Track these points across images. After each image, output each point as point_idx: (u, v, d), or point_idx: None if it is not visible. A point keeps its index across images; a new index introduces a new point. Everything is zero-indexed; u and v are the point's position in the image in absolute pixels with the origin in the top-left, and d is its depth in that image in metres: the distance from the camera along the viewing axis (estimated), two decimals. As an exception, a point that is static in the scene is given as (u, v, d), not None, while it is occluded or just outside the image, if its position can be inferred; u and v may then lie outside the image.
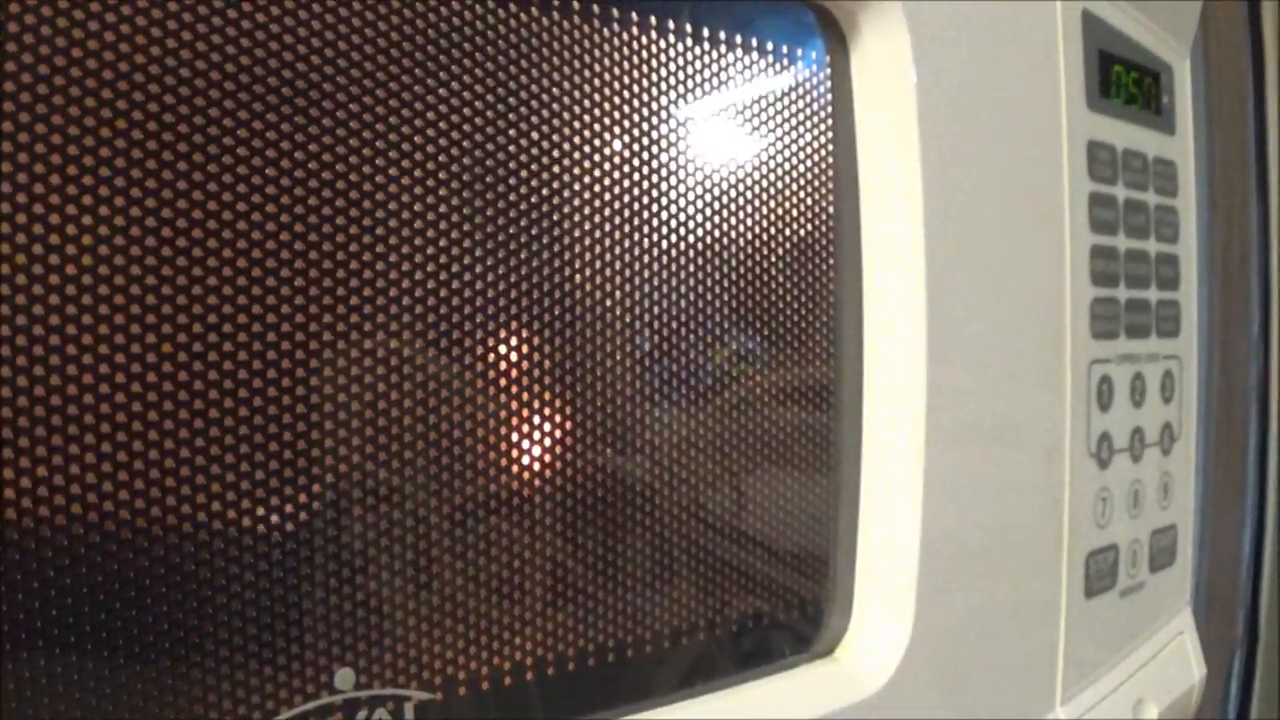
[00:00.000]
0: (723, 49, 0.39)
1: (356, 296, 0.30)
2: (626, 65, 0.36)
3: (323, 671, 0.30)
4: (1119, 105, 0.52)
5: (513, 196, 0.33)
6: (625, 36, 0.36)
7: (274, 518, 0.29)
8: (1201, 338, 0.84)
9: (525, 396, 0.34)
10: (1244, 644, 0.94)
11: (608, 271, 0.36)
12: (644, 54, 0.37)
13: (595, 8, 0.35)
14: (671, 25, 0.37)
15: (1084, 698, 0.51)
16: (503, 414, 0.34)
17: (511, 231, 0.33)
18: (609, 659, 0.36)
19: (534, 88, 0.34)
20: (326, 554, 0.30)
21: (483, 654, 0.33)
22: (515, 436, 0.34)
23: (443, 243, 0.32)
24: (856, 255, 0.42)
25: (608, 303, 0.36)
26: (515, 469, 0.34)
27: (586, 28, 0.35)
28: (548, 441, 0.35)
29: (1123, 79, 0.53)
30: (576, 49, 0.35)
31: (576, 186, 0.35)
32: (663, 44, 0.37)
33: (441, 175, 0.32)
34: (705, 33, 0.38)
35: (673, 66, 0.38)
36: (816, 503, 0.42)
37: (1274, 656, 0.95)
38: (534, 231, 0.34)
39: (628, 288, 0.37)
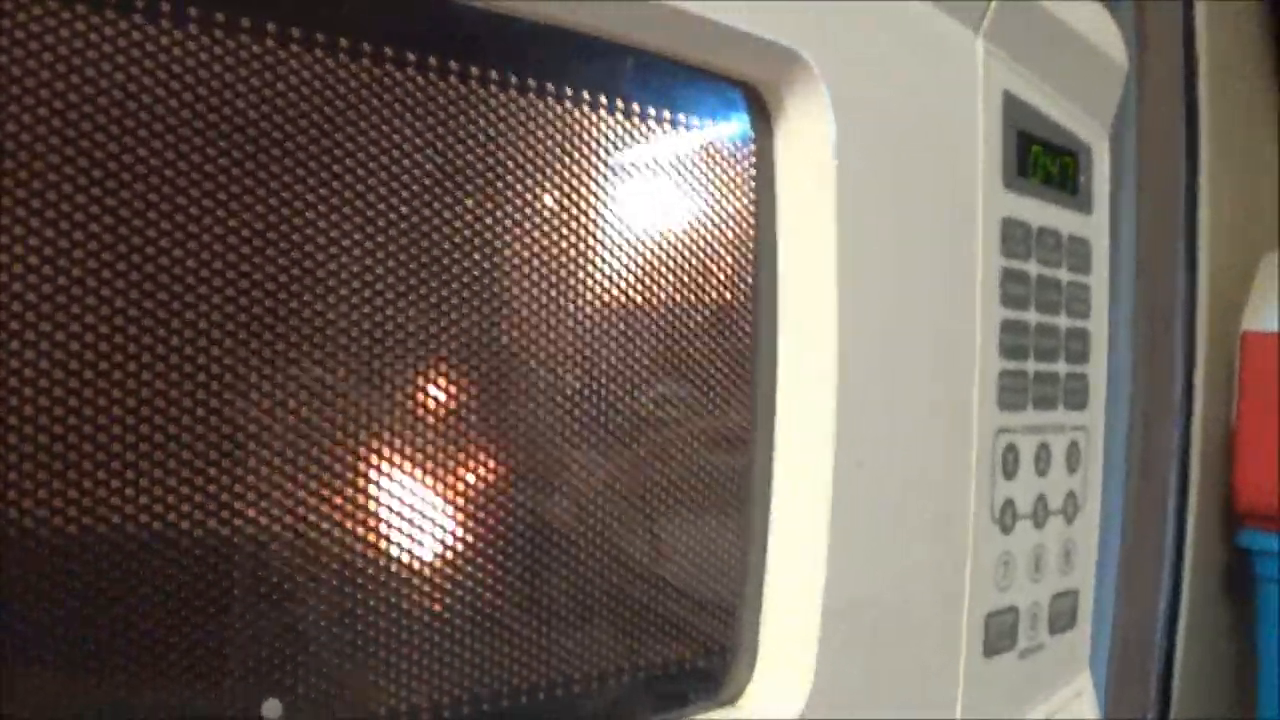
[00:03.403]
0: (652, 124, 0.43)
1: (294, 337, 0.34)
2: (558, 137, 0.40)
3: (250, 703, 0.33)
4: (1036, 184, 0.57)
5: (448, 258, 0.37)
6: (558, 110, 0.40)
7: (206, 546, 0.32)
8: (1123, 402, 0.89)
9: (449, 439, 0.38)
10: (1157, 706, 0.98)
11: (533, 328, 0.39)
12: (575, 127, 0.41)
13: (531, 82, 0.39)
14: (603, 100, 0.41)
15: (981, 754, 0.55)
16: (428, 454, 0.37)
17: (444, 288, 0.37)
18: (523, 700, 0.39)
19: (471, 155, 0.38)
20: (257, 584, 0.33)
21: (401, 691, 0.36)
22: (438, 477, 0.37)
23: (376, 294, 0.35)
24: (773, 322, 0.46)
25: (532, 354, 0.40)
26: (436, 508, 0.37)
27: (523, 101, 0.39)
28: (469, 483, 0.38)
29: (1041, 159, 0.57)
30: (513, 120, 0.39)
31: (506, 243, 0.39)
32: (594, 118, 0.41)
33: (380, 231, 0.35)
34: (635, 108, 0.42)
35: (603, 140, 0.41)
36: (728, 557, 0.46)
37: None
38: (465, 289, 0.38)
39: (552, 343, 0.40)
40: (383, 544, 0.36)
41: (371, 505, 0.35)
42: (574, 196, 0.40)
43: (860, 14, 0.47)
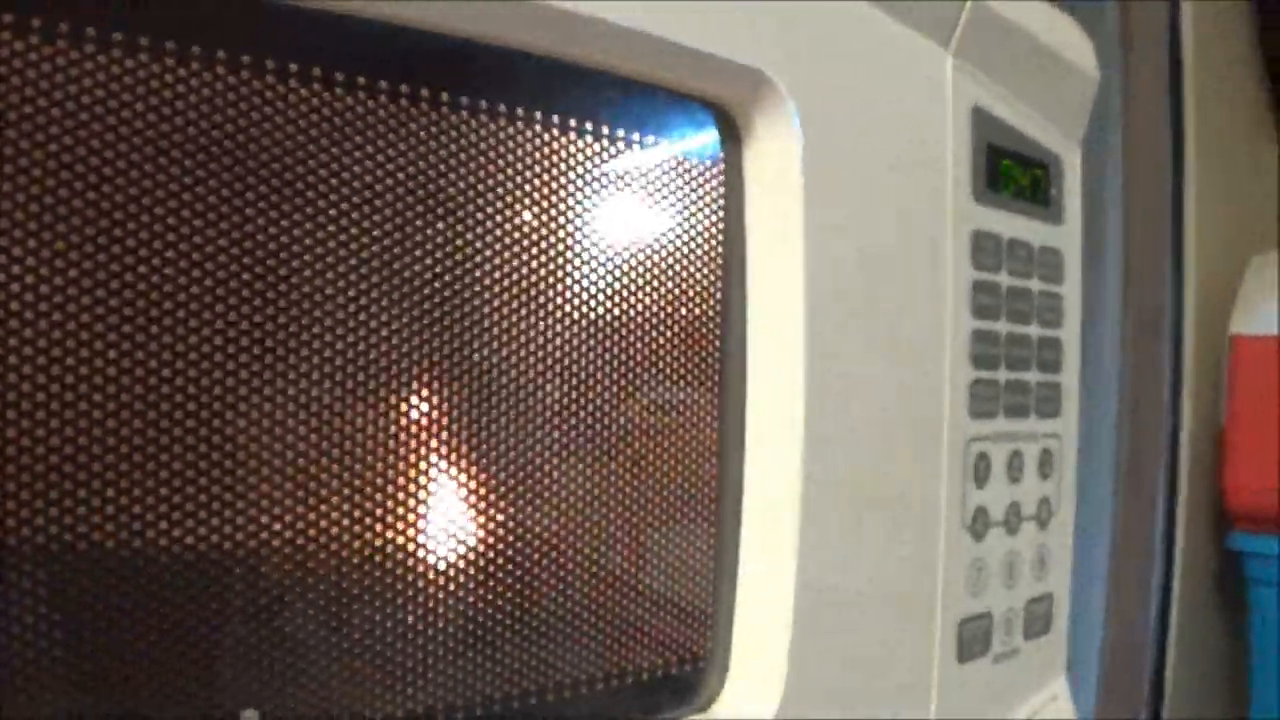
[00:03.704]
0: (624, 145, 0.44)
1: (275, 356, 0.35)
2: (532, 159, 0.42)
3: (228, 713, 0.34)
4: (1006, 197, 0.58)
5: (422, 280, 0.39)
6: (532, 134, 0.42)
7: (184, 561, 0.33)
8: (1112, 406, 0.90)
9: (427, 455, 0.39)
10: (1149, 710, 0.99)
11: (510, 346, 0.41)
12: (548, 149, 0.42)
13: (505, 108, 0.41)
14: (575, 123, 0.43)
15: (955, 758, 0.56)
16: (406, 469, 0.39)
17: (421, 308, 0.38)
18: (496, 710, 0.41)
19: (445, 179, 0.39)
20: (236, 596, 0.34)
21: (377, 702, 0.38)
22: (416, 491, 0.39)
23: (358, 314, 0.37)
24: (743, 335, 0.47)
25: (509, 371, 0.41)
26: (416, 520, 0.39)
27: (495, 125, 0.41)
28: (446, 497, 0.40)
29: (1011, 171, 0.59)
30: (486, 144, 0.40)
31: (481, 264, 0.40)
32: (565, 140, 0.43)
33: (361, 253, 0.37)
34: (606, 130, 0.44)
35: (575, 161, 0.43)
36: (700, 566, 0.47)
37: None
38: (441, 309, 0.39)
39: (528, 360, 0.42)
40: (359, 557, 0.37)
41: (348, 520, 0.37)
42: (548, 217, 0.42)
43: (828, 33, 0.49)
